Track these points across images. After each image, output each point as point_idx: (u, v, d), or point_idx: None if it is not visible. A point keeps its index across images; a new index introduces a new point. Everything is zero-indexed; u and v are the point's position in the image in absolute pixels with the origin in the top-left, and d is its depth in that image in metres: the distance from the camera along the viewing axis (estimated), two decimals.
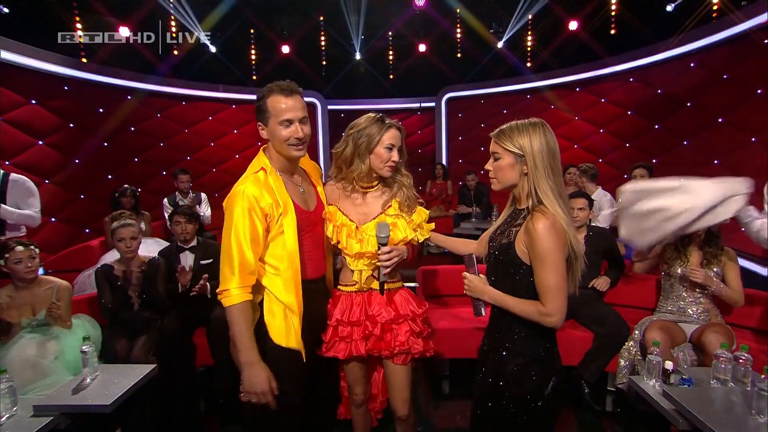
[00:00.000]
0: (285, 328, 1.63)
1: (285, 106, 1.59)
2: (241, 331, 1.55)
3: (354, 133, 1.73)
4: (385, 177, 1.77)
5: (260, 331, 1.65)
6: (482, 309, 1.51)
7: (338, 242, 1.77)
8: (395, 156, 1.72)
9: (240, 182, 1.62)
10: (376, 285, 1.78)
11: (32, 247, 2.51)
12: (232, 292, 1.54)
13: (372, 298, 1.79)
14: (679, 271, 2.68)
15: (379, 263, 1.69)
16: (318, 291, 1.79)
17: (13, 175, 3.06)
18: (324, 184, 1.88)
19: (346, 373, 1.89)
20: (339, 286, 1.86)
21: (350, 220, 1.77)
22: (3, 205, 2.96)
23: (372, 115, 1.74)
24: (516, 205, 1.49)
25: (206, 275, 2.95)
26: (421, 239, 1.83)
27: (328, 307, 1.82)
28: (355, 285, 1.80)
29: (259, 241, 1.59)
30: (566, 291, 1.35)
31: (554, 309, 1.33)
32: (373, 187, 1.81)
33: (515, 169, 1.41)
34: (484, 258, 1.59)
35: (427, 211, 1.88)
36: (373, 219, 1.76)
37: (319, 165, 1.99)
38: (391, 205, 1.79)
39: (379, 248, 1.68)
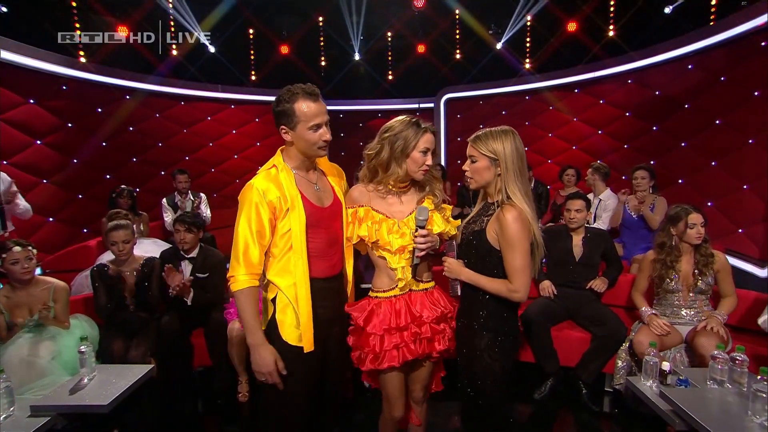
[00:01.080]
0: (295, 327, 1.65)
1: (314, 110, 1.64)
2: (247, 316, 1.62)
3: (390, 136, 1.71)
4: (418, 180, 1.79)
5: (272, 328, 1.67)
6: (458, 289, 1.73)
7: (377, 241, 1.73)
8: (429, 160, 1.73)
9: (253, 178, 1.68)
10: (416, 286, 1.79)
11: (30, 247, 2.51)
12: (239, 278, 1.62)
13: (412, 299, 1.78)
14: (673, 287, 2.67)
15: (414, 245, 1.69)
16: (331, 289, 1.76)
17: None
18: (351, 187, 1.88)
19: (385, 384, 1.82)
20: (375, 293, 1.81)
21: (388, 217, 1.76)
22: (17, 200, 2.96)
23: (406, 118, 1.73)
24: (487, 199, 1.70)
25: (190, 277, 2.92)
26: (453, 233, 1.85)
27: (361, 313, 1.77)
28: (397, 286, 1.76)
29: (265, 234, 1.63)
30: (530, 271, 1.60)
31: (520, 286, 1.57)
32: (406, 187, 1.82)
33: (490, 171, 1.63)
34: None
35: (451, 207, 1.91)
36: (410, 215, 1.76)
37: None
38: (424, 201, 1.81)
39: (416, 230, 1.68)
